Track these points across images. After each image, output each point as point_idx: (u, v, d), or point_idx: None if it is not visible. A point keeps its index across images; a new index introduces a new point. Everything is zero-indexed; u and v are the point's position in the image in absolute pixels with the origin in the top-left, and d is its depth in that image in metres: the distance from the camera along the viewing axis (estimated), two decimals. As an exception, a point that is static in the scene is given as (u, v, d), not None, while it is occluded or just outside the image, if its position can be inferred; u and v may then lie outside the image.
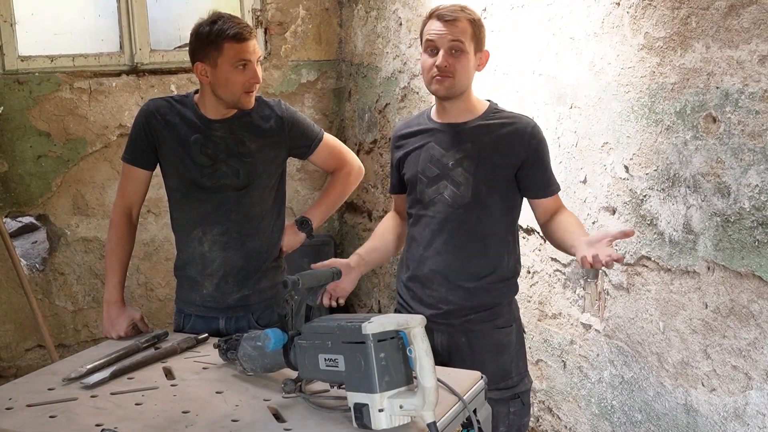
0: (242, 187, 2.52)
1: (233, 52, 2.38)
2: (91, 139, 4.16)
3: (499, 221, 2.42)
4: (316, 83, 4.81)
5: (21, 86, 3.98)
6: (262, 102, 2.58)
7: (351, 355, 1.69)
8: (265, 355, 1.98)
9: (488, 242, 2.41)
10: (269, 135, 2.55)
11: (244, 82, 2.42)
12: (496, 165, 2.37)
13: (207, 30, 2.40)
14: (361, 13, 4.54)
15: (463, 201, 2.38)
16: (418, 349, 1.63)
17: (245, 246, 2.55)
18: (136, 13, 4.23)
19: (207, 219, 2.53)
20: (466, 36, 2.32)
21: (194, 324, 2.60)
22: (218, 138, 2.51)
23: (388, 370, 1.65)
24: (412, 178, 2.47)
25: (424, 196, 2.43)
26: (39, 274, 4.16)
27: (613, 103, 2.76)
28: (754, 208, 2.27)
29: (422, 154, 2.45)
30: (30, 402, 1.91)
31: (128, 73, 4.25)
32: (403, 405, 1.64)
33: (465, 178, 2.38)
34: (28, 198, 4.08)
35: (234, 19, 2.42)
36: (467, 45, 2.33)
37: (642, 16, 2.59)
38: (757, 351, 2.31)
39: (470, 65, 2.36)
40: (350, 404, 1.68)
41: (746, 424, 2.37)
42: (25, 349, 4.15)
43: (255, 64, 2.43)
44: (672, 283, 2.60)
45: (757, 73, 2.21)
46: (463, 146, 2.39)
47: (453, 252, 2.40)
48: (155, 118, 2.54)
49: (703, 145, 2.42)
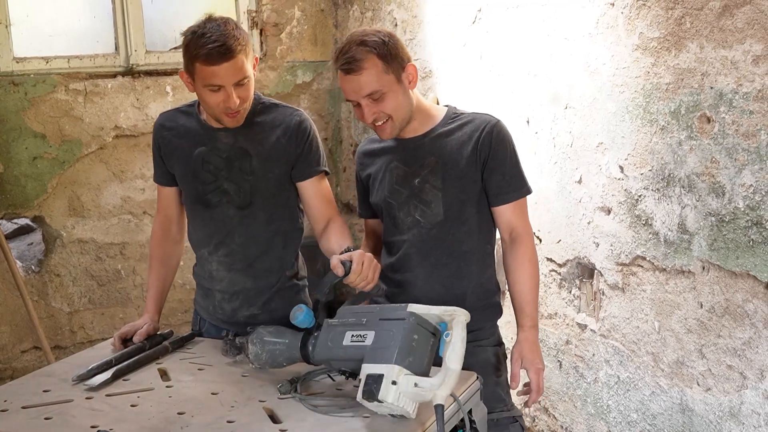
0: (244, 206, 2.37)
1: (204, 75, 2.18)
2: (87, 140, 4.16)
3: (478, 235, 2.28)
4: (311, 84, 4.81)
5: (16, 88, 3.98)
6: (278, 110, 2.40)
7: (384, 330, 1.76)
8: (276, 351, 2.02)
9: (469, 260, 2.28)
10: (276, 148, 2.36)
11: (218, 104, 2.21)
12: (464, 174, 2.23)
13: (187, 40, 2.20)
14: (356, 14, 4.54)
15: (436, 219, 2.24)
16: (455, 334, 1.69)
17: (253, 267, 2.41)
18: (131, 14, 4.23)
19: (212, 239, 2.42)
20: (378, 78, 2.12)
21: (209, 330, 2.52)
22: (221, 150, 2.35)
23: (414, 352, 1.69)
24: (382, 204, 2.32)
25: (397, 221, 2.30)
26: (35, 275, 4.15)
27: (607, 103, 2.76)
28: (749, 207, 2.28)
29: (387, 176, 2.31)
30: (25, 404, 1.90)
31: (123, 75, 4.24)
32: (419, 383, 1.66)
33: (433, 195, 2.24)
34: (24, 199, 4.07)
35: (217, 32, 2.16)
36: (385, 84, 2.13)
37: (636, 16, 2.60)
38: (752, 350, 2.32)
39: (400, 96, 2.17)
40: (362, 376, 1.70)
41: (741, 424, 2.38)
42: (20, 351, 4.14)
43: (230, 87, 2.18)
44: (667, 283, 2.60)
45: (751, 73, 2.21)
46: (425, 160, 2.25)
47: (433, 275, 2.27)
48: (162, 134, 2.44)
49: (697, 145, 2.42)
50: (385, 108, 2.16)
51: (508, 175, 2.24)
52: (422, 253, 2.28)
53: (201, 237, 2.46)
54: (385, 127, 2.19)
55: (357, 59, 2.11)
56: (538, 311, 2.32)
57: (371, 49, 2.12)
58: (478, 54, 3.46)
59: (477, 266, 2.30)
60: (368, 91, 2.13)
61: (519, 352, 2.23)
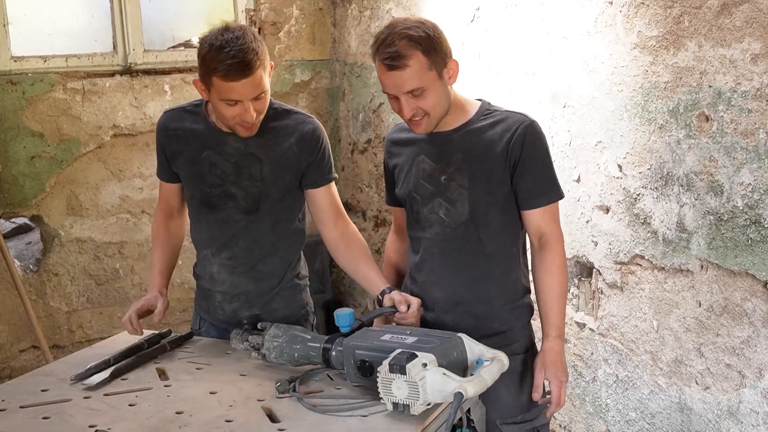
0: (252, 211, 2.35)
1: (221, 89, 2.13)
2: (85, 139, 4.15)
3: (503, 237, 2.21)
4: (310, 83, 4.81)
5: (14, 87, 3.97)
6: (291, 116, 2.38)
7: (428, 336, 1.90)
8: (295, 346, 2.08)
9: (494, 262, 2.21)
10: (288, 155, 2.33)
11: (234, 117, 2.19)
12: (491, 174, 2.15)
13: (204, 53, 2.14)
14: (354, 12, 4.54)
15: (461, 219, 2.18)
16: (495, 364, 1.84)
17: (255, 269, 2.40)
18: (130, 13, 4.22)
19: (215, 242, 2.40)
20: (421, 75, 2.05)
21: (209, 330, 2.51)
22: (230, 155, 2.32)
23: (449, 360, 1.81)
24: (407, 197, 2.28)
25: (420, 217, 2.25)
26: (33, 274, 4.14)
27: (606, 102, 2.76)
28: (747, 206, 2.28)
29: (413, 169, 2.25)
30: (23, 403, 1.91)
31: (122, 74, 4.23)
32: (447, 372, 1.73)
33: (459, 194, 2.17)
34: (22, 199, 4.06)
35: (236, 46, 2.09)
36: (426, 81, 2.06)
37: (635, 15, 2.59)
38: (751, 349, 2.32)
39: (439, 93, 2.11)
40: (395, 353, 1.78)
41: (740, 422, 2.38)
42: (19, 350, 4.13)
43: (248, 102, 2.16)
44: (666, 282, 2.60)
45: (750, 71, 2.21)
46: (453, 157, 2.18)
47: (457, 276, 2.22)
48: (167, 134, 2.40)
49: (696, 144, 2.42)
50: (425, 105, 2.09)
51: (539, 178, 2.17)
52: (445, 253, 2.22)
53: (204, 238, 2.44)
54: (421, 122, 2.13)
55: (402, 55, 2.03)
56: (564, 321, 2.24)
57: (416, 44, 2.04)
58: (476, 53, 3.46)
59: (502, 268, 2.23)
60: (410, 88, 2.06)
61: (542, 362, 2.16)
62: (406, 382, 1.71)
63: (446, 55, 2.12)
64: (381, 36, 2.08)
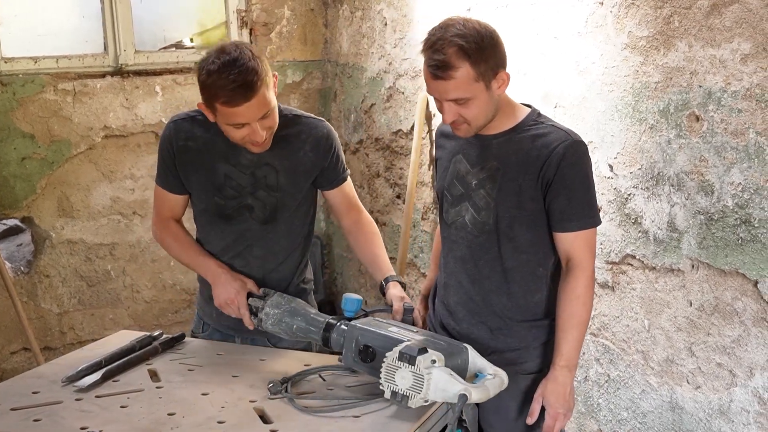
0: (269, 221, 2.32)
1: (226, 114, 2.09)
2: (76, 140, 4.14)
3: (527, 255, 2.11)
4: (301, 84, 4.81)
5: (4, 88, 3.96)
6: (303, 122, 2.34)
7: (436, 338, 1.91)
8: (296, 317, 2.10)
9: (512, 278, 2.12)
10: (303, 162, 2.31)
11: (243, 138, 2.14)
12: (521, 189, 2.05)
13: (203, 79, 2.08)
14: (346, 13, 4.54)
15: (484, 228, 2.10)
16: (497, 378, 1.84)
17: (267, 278, 2.36)
18: (121, 14, 4.21)
19: (228, 251, 2.35)
20: (467, 86, 1.96)
21: (211, 334, 2.47)
22: (245, 166, 2.28)
23: (455, 367, 1.79)
24: (440, 193, 2.23)
25: (447, 216, 2.19)
26: (24, 276, 4.13)
27: (597, 102, 2.77)
28: (738, 206, 2.29)
29: (451, 166, 2.18)
30: (14, 405, 1.90)
31: (113, 75, 4.22)
32: (453, 374, 1.74)
33: (486, 203, 2.09)
34: (13, 200, 4.05)
35: (234, 69, 2.03)
36: (472, 92, 1.97)
37: (625, 15, 2.60)
38: (741, 348, 2.33)
39: (484, 104, 2.01)
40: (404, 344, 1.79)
41: (731, 421, 2.39)
42: (10, 352, 4.12)
43: (255, 123, 2.10)
44: (657, 282, 2.61)
45: (740, 71, 2.22)
46: (488, 164, 2.09)
47: (473, 286, 2.16)
48: (177, 144, 2.31)
49: (686, 144, 2.43)
50: (467, 114, 2.00)
51: (575, 201, 2.04)
52: (465, 259, 2.16)
53: (215, 248, 2.37)
54: (460, 127, 2.05)
55: (449, 65, 1.94)
56: (578, 353, 2.11)
57: (465, 55, 1.93)
58: (467, 53, 3.46)
59: (520, 287, 2.13)
60: (453, 97, 1.98)
61: (542, 390, 2.09)
62: (412, 373, 1.71)
63: (498, 65, 2.01)
64: (432, 37, 2.00)
